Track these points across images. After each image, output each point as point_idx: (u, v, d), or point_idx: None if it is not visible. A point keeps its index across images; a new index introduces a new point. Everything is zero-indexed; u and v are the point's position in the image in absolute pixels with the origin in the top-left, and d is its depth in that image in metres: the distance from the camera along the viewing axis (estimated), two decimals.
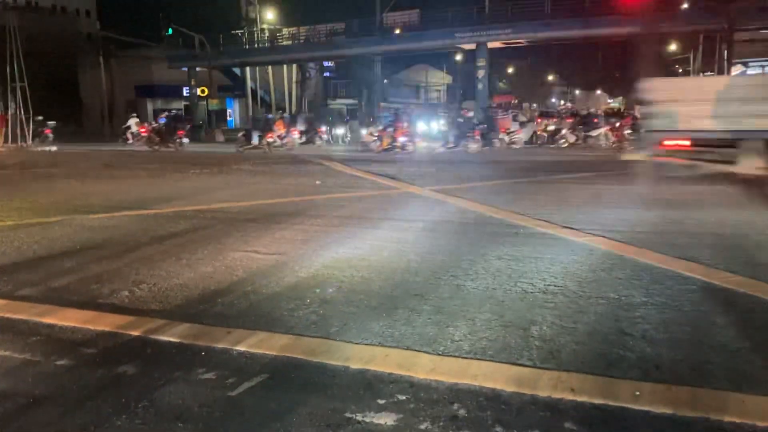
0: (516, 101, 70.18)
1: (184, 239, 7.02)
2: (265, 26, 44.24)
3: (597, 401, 2.95)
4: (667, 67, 75.41)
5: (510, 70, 72.74)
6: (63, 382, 3.28)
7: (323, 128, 30.72)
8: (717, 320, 4.07)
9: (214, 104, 41.65)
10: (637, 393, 3.02)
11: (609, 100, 76.72)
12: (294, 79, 47.90)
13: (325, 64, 54.69)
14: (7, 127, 30.28)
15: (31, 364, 3.52)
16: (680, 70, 71.77)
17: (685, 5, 32.76)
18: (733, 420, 2.76)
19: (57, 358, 3.59)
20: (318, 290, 4.87)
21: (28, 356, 3.63)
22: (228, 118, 51.78)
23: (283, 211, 8.87)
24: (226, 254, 6.18)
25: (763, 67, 49.20)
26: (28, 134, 30.41)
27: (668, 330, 3.90)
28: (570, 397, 3.00)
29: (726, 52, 36.12)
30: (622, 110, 33.86)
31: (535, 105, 64.86)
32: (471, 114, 28.60)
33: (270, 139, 24.62)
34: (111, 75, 49.37)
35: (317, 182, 12.68)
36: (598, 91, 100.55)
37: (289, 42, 42.27)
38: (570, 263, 5.62)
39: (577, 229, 7.10)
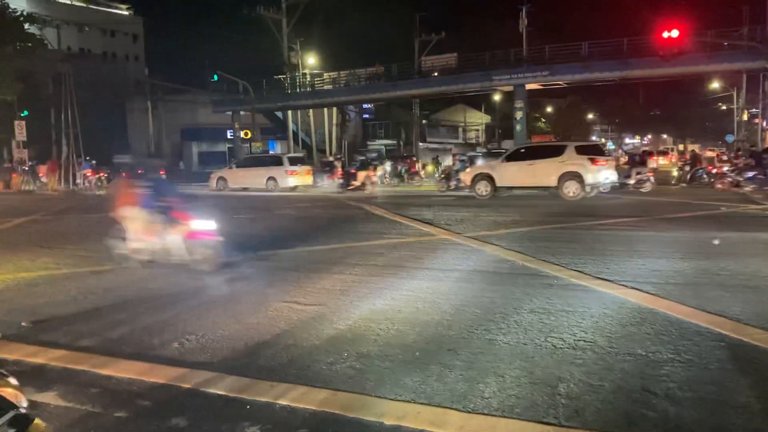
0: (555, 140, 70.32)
1: (230, 288, 7.39)
2: (306, 71, 45.52)
3: None
4: (708, 106, 74.88)
5: (549, 109, 72.84)
6: None
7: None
8: (742, 379, 4.18)
9: (257, 147, 42.78)
10: None
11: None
12: (334, 121, 48.96)
13: (364, 106, 55.83)
14: (60, 170, 31.69)
15: (92, 415, 3.86)
16: (723, 107, 71.14)
17: (726, 43, 32.46)
18: None
19: (116, 409, 3.91)
20: (355, 343, 5.13)
21: (89, 408, 3.96)
22: None
23: (325, 259, 9.19)
24: (269, 304, 6.50)
25: None
26: (80, 178, 31.75)
27: (692, 388, 4.03)
28: None
29: None
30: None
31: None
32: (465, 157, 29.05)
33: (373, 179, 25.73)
34: (158, 119, 51.27)
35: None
36: (664, 135, 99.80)
37: (330, 86, 43.33)
38: (601, 317, 5.76)
39: (610, 281, 7.22)
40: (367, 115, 60.61)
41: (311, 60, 46.92)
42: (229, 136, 49.09)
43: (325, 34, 59.77)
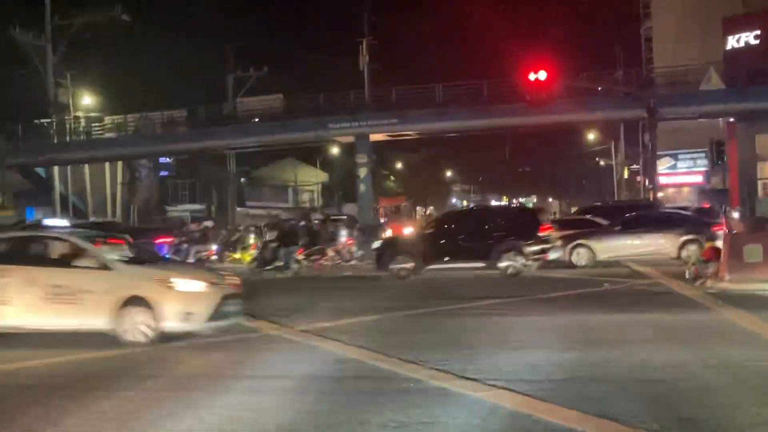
0: (405, 203, 72.94)
1: None
2: (80, 114, 44.07)
3: None
4: (584, 160, 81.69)
5: (399, 165, 75.59)
6: None
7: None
8: None
9: (8, 216, 40.15)
10: None
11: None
12: (119, 179, 47.49)
13: (162, 160, 54.81)
14: None
15: None
16: (601, 163, 77.98)
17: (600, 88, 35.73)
18: None
19: None
20: None
21: None
22: None
23: (101, 372, 8.72)
24: None
25: (694, 159, 54.67)
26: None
27: None
28: None
29: (650, 143, 39.59)
30: None
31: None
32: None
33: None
34: None
35: None
36: (550, 198, 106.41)
37: (113, 134, 42.24)
38: (468, 429, 5.94)
39: (478, 381, 7.48)
40: (165, 172, 59.46)
41: (87, 100, 45.56)
42: None
43: (108, 66, 58.20)
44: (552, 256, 20.38)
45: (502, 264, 19.80)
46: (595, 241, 21.60)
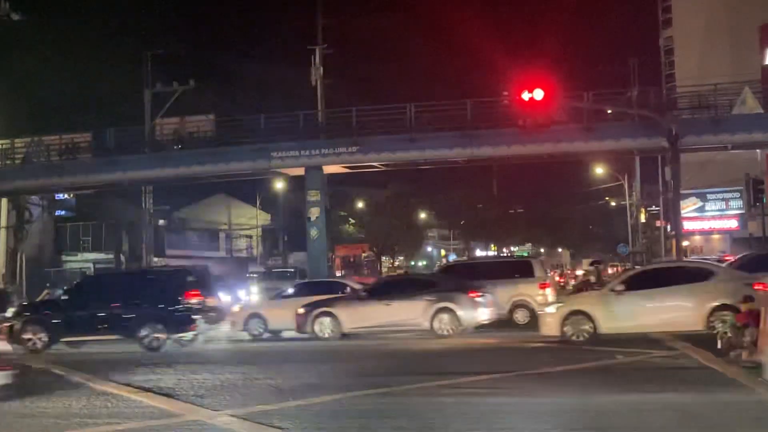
0: (368, 253, 72.53)
1: None
2: None
3: None
4: (591, 200, 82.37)
5: (360, 205, 75.28)
6: None
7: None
8: None
9: None
10: None
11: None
12: (3, 222, 46.83)
13: (59, 197, 54.25)
14: None
15: None
16: (612, 204, 78.70)
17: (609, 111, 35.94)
18: None
19: None
20: None
21: None
22: None
23: None
24: None
25: (726, 199, 55.43)
26: None
27: None
28: None
29: (672, 179, 40.15)
30: None
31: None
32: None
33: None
34: None
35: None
36: (560, 249, 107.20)
37: None
38: None
39: None
40: (62, 212, 58.89)
41: None
42: None
43: None
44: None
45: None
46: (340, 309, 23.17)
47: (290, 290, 28.38)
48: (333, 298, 24.61)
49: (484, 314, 22.30)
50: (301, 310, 23.24)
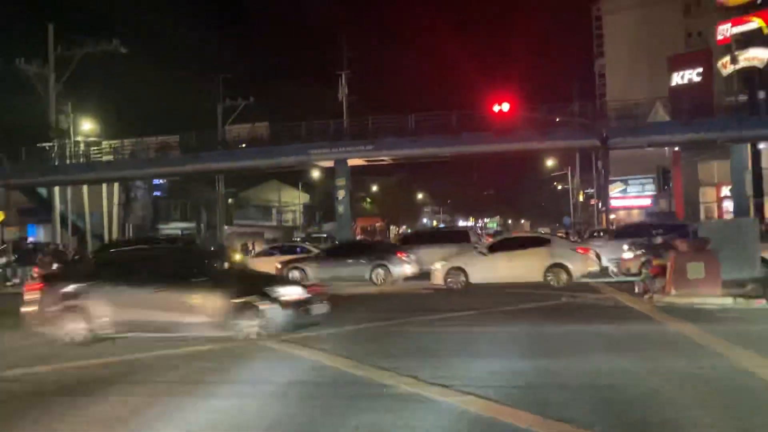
0: (381, 223, 73.04)
1: None
2: (80, 138, 43.65)
3: None
4: (544, 184, 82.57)
5: (375, 188, 75.77)
6: None
7: None
8: None
9: (12, 232, 39.61)
10: None
11: None
12: (115, 200, 46.97)
13: (156, 182, 54.49)
14: None
15: None
16: (559, 187, 78.74)
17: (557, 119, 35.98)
18: None
19: None
20: None
21: None
22: None
23: (96, 377, 8.60)
24: None
25: (642, 184, 55.29)
26: None
27: None
28: None
29: (603, 170, 40.03)
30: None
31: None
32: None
33: None
34: None
35: None
36: (522, 221, 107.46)
37: (111, 157, 41.86)
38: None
39: (447, 387, 7.44)
40: (158, 193, 59.04)
41: (87, 125, 45.11)
42: None
43: (107, 94, 57.85)
44: None
45: None
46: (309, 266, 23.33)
47: (270, 250, 30.02)
48: (301, 257, 25.63)
49: (409, 269, 22.82)
50: (279, 266, 23.36)
